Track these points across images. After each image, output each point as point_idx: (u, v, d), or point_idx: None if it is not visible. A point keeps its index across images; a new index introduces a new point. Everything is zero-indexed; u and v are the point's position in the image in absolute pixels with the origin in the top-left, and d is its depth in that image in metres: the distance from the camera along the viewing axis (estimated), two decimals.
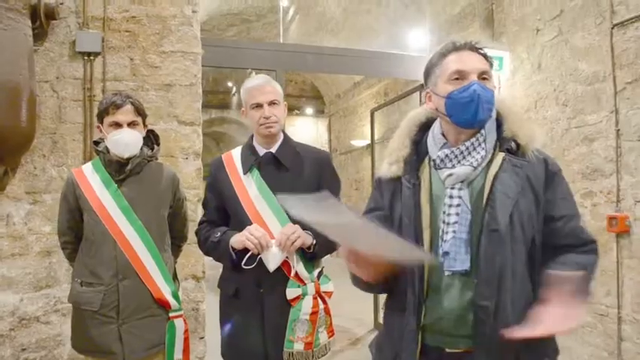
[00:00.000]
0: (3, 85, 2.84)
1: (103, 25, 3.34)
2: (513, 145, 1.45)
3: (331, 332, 2.19)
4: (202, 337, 3.44)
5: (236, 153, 2.27)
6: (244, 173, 2.17)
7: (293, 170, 2.16)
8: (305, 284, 2.11)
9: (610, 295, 3.47)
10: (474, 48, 1.49)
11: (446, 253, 1.43)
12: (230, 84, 12.89)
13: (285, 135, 2.26)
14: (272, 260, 2.07)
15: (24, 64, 2.94)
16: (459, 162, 1.45)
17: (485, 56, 1.50)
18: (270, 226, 2.09)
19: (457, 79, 1.45)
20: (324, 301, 2.16)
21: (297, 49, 4.14)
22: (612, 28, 3.45)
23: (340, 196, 2.33)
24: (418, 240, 1.47)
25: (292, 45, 4.27)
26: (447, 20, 5.74)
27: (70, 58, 3.30)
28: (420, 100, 4.49)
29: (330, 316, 2.19)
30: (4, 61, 2.84)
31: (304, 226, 2.11)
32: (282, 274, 2.09)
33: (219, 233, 2.16)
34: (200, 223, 2.32)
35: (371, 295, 5.55)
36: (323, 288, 2.17)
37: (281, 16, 7.00)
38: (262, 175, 2.15)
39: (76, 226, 2.32)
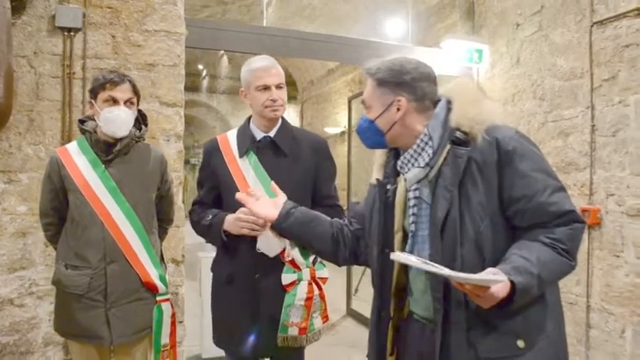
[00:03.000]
0: None
1: (84, 0, 3.22)
2: (459, 134, 1.45)
3: (325, 317, 2.20)
4: (181, 322, 3.40)
5: (231, 135, 2.24)
6: (240, 156, 2.15)
7: (291, 156, 2.15)
8: (300, 270, 2.11)
9: (580, 284, 3.60)
10: (368, 74, 1.58)
11: (409, 251, 1.53)
12: (200, 67, 12.66)
13: (284, 119, 2.24)
14: (270, 247, 2.08)
15: (2, 37, 2.80)
16: (412, 165, 1.52)
17: (373, 78, 1.56)
18: None
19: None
20: (319, 287, 2.17)
21: (282, 33, 4.09)
22: (592, 26, 3.54)
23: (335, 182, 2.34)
24: (384, 243, 1.59)
25: (277, 29, 4.21)
26: (426, 10, 5.79)
27: (49, 33, 3.18)
28: None
29: (324, 301, 2.20)
30: None
31: None
32: (278, 259, 2.10)
33: (210, 216, 2.16)
34: (193, 204, 2.30)
35: (344, 284, 5.62)
36: (318, 274, 2.17)
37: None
38: (260, 160, 2.13)
39: (60, 207, 2.26)
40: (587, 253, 3.52)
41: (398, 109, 1.52)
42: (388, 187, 1.61)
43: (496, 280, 1.28)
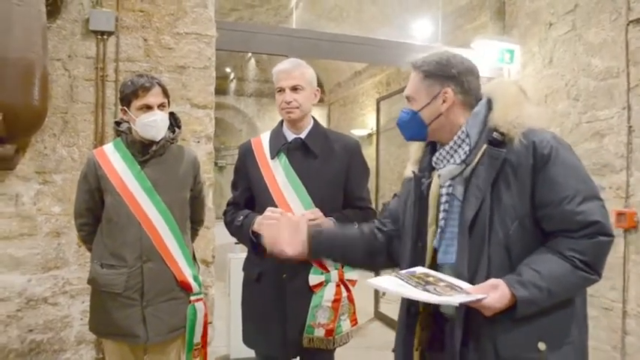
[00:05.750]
0: (17, 62, 2.78)
1: (116, 4, 3.27)
2: (496, 134, 1.45)
3: (354, 321, 2.19)
4: (210, 322, 3.42)
5: (265, 137, 2.26)
6: (272, 158, 2.17)
7: (321, 157, 2.16)
8: (328, 271, 2.11)
9: (615, 289, 3.50)
10: (412, 67, 1.59)
11: (436, 249, 1.55)
12: (228, 69, 12.77)
13: (315, 121, 2.25)
14: None
15: (38, 41, 2.88)
16: (447, 161, 1.53)
17: (419, 70, 1.55)
18: (295, 212, 2.08)
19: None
20: (348, 289, 2.17)
21: (310, 35, 4.10)
22: (628, 25, 3.45)
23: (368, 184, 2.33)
24: (419, 238, 1.59)
25: (305, 31, 4.23)
26: (455, 10, 5.72)
27: (83, 37, 3.24)
28: None
29: (353, 304, 2.19)
30: (18, 38, 2.78)
31: (328, 213, 2.11)
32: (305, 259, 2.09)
33: (241, 217, 2.19)
34: (227, 205, 2.33)
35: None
36: (347, 276, 2.17)
37: (292, 1, 6.94)
38: (290, 161, 2.14)
39: (95, 207, 2.29)
40: (622, 258, 3.43)
41: (444, 101, 1.52)
42: (423, 180, 1.61)
43: (471, 300, 1.32)
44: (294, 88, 2.14)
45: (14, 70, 2.79)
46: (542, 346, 1.39)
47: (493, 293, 1.35)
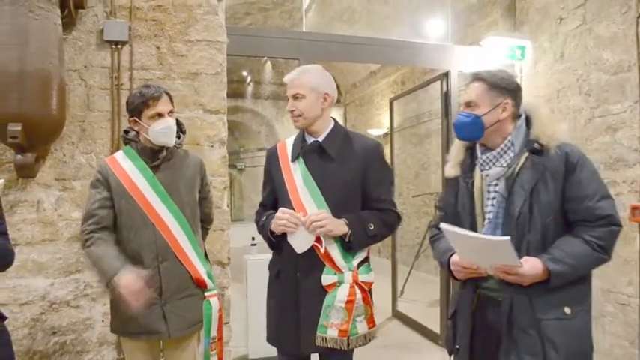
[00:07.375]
0: (35, 74, 2.88)
1: (129, 14, 3.37)
2: (537, 145, 1.82)
3: (372, 323, 2.19)
4: (227, 323, 3.49)
5: (289, 141, 2.34)
6: (292, 161, 2.24)
7: (338, 159, 2.18)
8: (342, 272, 2.13)
9: (632, 284, 3.48)
10: (475, 78, 1.91)
11: (485, 233, 1.88)
12: (245, 73, 12.88)
13: (336, 123, 2.29)
14: (298, 242, 2.13)
15: (54, 52, 2.98)
16: (493, 164, 1.88)
17: (486, 82, 1.88)
18: (309, 214, 2.13)
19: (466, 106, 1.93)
20: (363, 291, 2.16)
21: (321, 37, 4.14)
22: (638, 18, 3.43)
23: (394, 186, 2.37)
24: (472, 225, 1.93)
25: (316, 34, 4.27)
26: (466, 8, 5.72)
27: (98, 47, 3.33)
28: (442, 90, 4.49)
29: (370, 306, 2.19)
30: (35, 50, 2.88)
31: (343, 215, 2.14)
32: (319, 259, 2.13)
33: (264, 217, 2.28)
34: (259, 206, 2.43)
35: (389, 285, 5.62)
36: (362, 278, 2.17)
37: (304, 4, 6.99)
38: (307, 164, 2.19)
39: (107, 212, 2.35)
40: (638, 252, 3.41)
41: (503, 110, 1.86)
42: (467, 181, 1.96)
43: (512, 259, 1.70)
44: (295, 97, 2.19)
45: (33, 81, 2.89)
46: (567, 310, 1.79)
47: (526, 264, 1.73)
